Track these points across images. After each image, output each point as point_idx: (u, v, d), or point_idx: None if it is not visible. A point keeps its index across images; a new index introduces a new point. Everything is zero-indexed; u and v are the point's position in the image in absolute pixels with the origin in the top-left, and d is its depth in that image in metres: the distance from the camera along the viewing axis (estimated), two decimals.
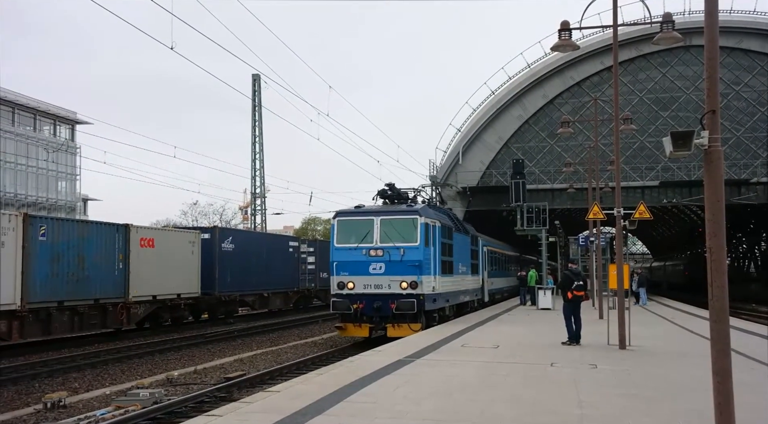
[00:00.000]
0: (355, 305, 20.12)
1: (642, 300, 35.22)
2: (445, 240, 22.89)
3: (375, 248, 20.30)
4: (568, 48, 15.79)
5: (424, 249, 20.37)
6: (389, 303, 19.96)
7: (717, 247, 6.84)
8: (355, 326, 20.53)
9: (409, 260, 20.03)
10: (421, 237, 20.28)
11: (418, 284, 19.99)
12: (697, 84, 47.17)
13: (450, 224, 24.72)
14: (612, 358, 14.21)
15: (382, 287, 20.17)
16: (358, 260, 20.33)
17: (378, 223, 20.53)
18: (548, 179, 47.97)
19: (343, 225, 21.09)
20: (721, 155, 6.85)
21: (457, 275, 25.33)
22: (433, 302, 21.06)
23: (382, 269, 20.16)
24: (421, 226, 20.38)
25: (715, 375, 6.77)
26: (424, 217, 20.63)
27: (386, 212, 21.02)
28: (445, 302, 23.08)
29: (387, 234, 20.30)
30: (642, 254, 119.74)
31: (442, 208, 27.07)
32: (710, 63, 6.93)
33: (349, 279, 20.42)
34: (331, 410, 8.73)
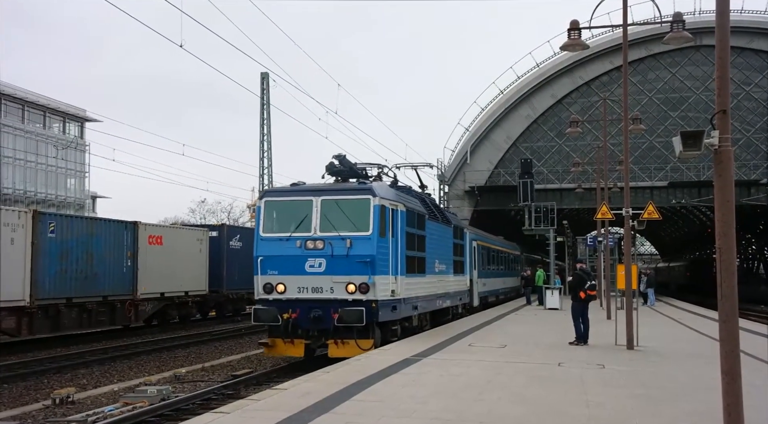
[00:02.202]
0: (286, 315, 15.19)
1: (650, 301, 35.11)
2: (412, 230, 17.71)
3: (313, 238, 15.29)
4: (578, 47, 15.75)
5: (379, 240, 15.39)
6: (331, 312, 15.06)
7: (726, 247, 6.81)
8: (286, 343, 15.50)
9: (357, 255, 15.05)
10: (375, 224, 15.27)
11: (369, 287, 15.00)
12: (707, 84, 46.99)
13: (422, 209, 19.10)
14: (620, 358, 14.17)
15: (323, 291, 15.25)
16: (291, 254, 15.37)
17: (318, 204, 15.53)
18: (557, 179, 47.88)
19: (271, 207, 16.19)
20: (731, 155, 6.82)
21: (432, 275, 19.89)
22: (391, 311, 16.08)
23: (322, 267, 15.19)
24: (375, 209, 15.35)
25: (724, 376, 6.74)
26: (380, 197, 15.58)
27: (329, 191, 15.93)
28: (412, 309, 17.88)
29: (330, 220, 15.39)
30: (651, 255, 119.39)
31: (413, 189, 20.64)
32: (721, 63, 6.89)
33: (278, 280, 15.49)
34: (338, 409, 8.73)
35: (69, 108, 73.74)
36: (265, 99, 53.18)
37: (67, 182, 74.37)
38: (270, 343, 15.75)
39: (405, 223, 16.96)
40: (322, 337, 15.37)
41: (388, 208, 15.95)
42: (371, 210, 15.42)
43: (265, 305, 15.56)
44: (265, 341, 15.96)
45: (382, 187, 16.56)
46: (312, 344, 15.63)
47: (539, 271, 37.00)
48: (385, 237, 15.70)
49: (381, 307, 15.34)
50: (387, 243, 15.84)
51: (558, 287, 32.58)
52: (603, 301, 28.33)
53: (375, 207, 15.45)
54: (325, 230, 15.40)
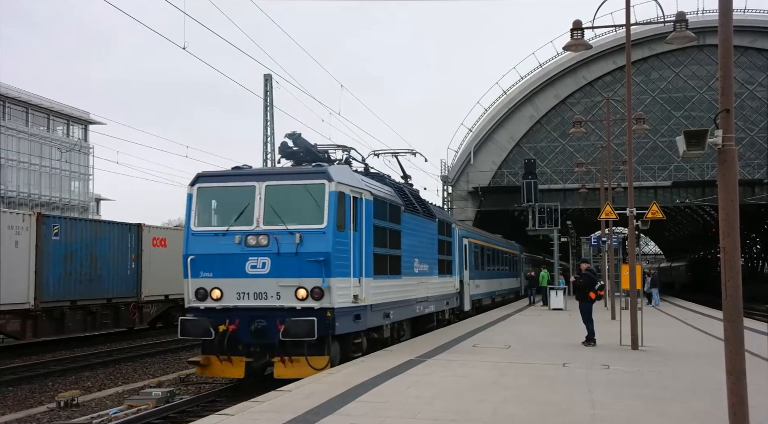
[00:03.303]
0: (223, 327, 12.41)
1: (654, 301, 35.06)
2: (383, 223, 15.08)
3: (256, 232, 12.65)
4: (581, 47, 15.74)
5: (336, 235, 12.67)
6: (278, 323, 12.22)
7: (731, 246, 6.80)
8: (223, 362, 12.68)
9: (309, 253, 12.36)
10: (330, 215, 12.56)
11: (324, 292, 12.32)
12: (710, 83, 46.94)
13: (396, 200, 16.39)
14: (624, 358, 14.15)
15: (267, 297, 12.48)
16: (229, 252, 12.69)
17: (262, 191, 12.87)
18: (560, 179, 47.84)
19: (205, 195, 13.44)
20: (735, 155, 6.82)
21: (410, 277, 17.20)
22: (353, 320, 13.36)
23: (266, 268, 12.50)
24: (331, 196, 12.63)
25: (729, 375, 6.73)
26: (338, 182, 12.85)
27: (276, 175, 13.38)
28: (383, 317, 15.19)
29: (276, 210, 12.70)
30: (655, 255, 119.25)
31: (389, 177, 17.83)
32: (724, 62, 6.89)
33: (213, 284, 12.76)
34: (343, 410, 8.73)
35: (73, 111, 73.87)
36: (268, 101, 53.22)
37: (71, 185, 74.50)
38: (202, 361, 12.92)
39: (372, 214, 14.22)
40: (267, 354, 12.50)
41: (348, 195, 13.17)
42: (326, 197, 12.61)
43: (196, 315, 12.80)
44: (197, 358, 13.26)
45: (342, 171, 13.74)
46: (254, 363, 12.68)
47: (543, 271, 36.98)
48: (344, 231, 12.95)
49: (338, 316, 12.57)
50: (347, 238, 13.08)
51: (562, 288, 32.55)
52: (607, 301, 28.29)
53: (331, 194, 12.63)
54: (271, 223, 12.64)
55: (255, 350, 12.68)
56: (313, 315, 12.12)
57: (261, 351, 12.63)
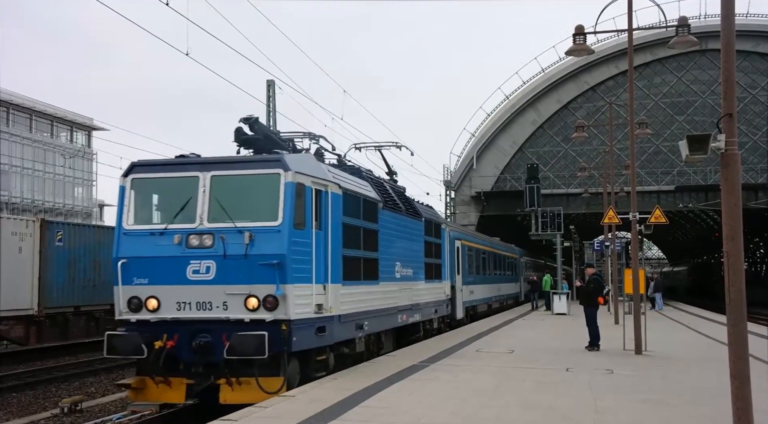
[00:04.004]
0: (159, 343, 10.60)
1: (658, 305, 35.00)
2: (355, 221, 13.28)
3: (199, 231, 10.91)
4: (583, 52, 15.76)
5: (294, 234, 10.90)
6: (224, 338, 10.44)
7: (734, 251, 6.81)
8: (160, 384, 10.83)
9: (261, 255, 10.61)
10: (287, 210, 10.84)
11: (278, 301, 10.56)
12: (713, 88, 46.93)
13: (372, 195, 14.58)
14: (628, 363, 14.13)
15: (212, 307, 10.71)
16: (167, 255, 10.94)
17: (207, 183, 11.12)
18: (563, 184, 47.83)
19: (141, 188, 11.65)
20: (738, 159, 6.83)
21: (390, 282, 15.45)
22: (316, 334, 11.48)
23: (210, 273, 10.75)
24: (287, 188, 10.91)
25: (734, 380, 6.73)
26: (296, 171, 11.09)
27: (224, 164, 11.45)
28: (356, 329, 13.36)
29: (223, 205, 10.99)
30: (658, 259, 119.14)
31: (367, 171, 16.00)
32: (727, 66, 6.90)
33: (149, 292, 10.97)
34: (346, 415, 8.73)
35: (76, 117, 74.03)
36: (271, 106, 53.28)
37: (74, 191, 74.61)
38: (135, 384, 10.97)
39: (342, 211, 12.50)
40: (211, 374, 10.64)
41: (309, 188, 11.40)
42: (281, 190, 10.86)
43: (128, 330, 11.01)
44: (128, 381, 11.34)
45: (302, 160, 11.95)
46: (197, 385, 10.76)
47: (546, 276, 36.97)
48: (305, 229, 11.18)
49: (296, 329, 10.70)
50: (308, 238, 11.28)
51: (566, 292, 32.51)
52: (611, 306, 28.25)
53: (287, 186, 10.88)
54: (217, 220, 10.91)
55: (197, 370, 10.74)
56: (265, 329, 10.28)
57: (204, 372, 10.71)
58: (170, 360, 10.68)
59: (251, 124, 12.41)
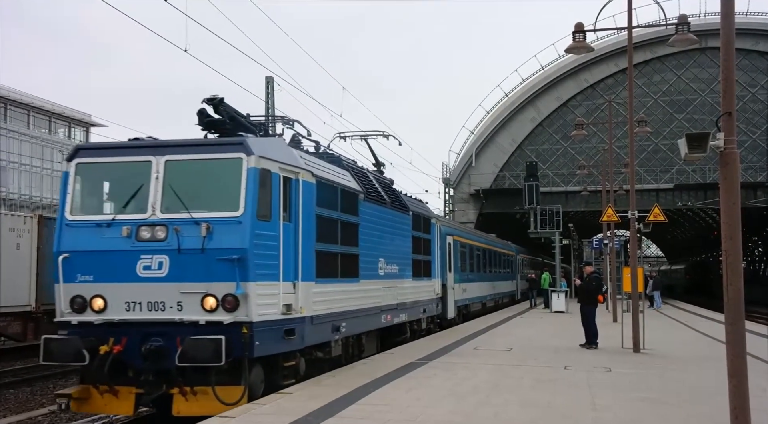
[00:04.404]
0: (105, 348, 9.46)
1: (656, 303, 35.02)
2: (331, 213, 12.19)
3: (151, 222, 9.77)
4: (582, 50, 15.75)
5: (257, 225, 9.78)
6: (178, 343, 9.36)
7: (733, 249, 6.80)
8: (105, 394, 9.69)
9: (220, 249, 9.51)
10: (249, 199, 9.73)
11: (239, 301, 9.49)
12: (712, 86, 46.94)
13: (352, 185, 13.54)
14: (626, 361, 14.13)
15: (165, 308, 9.62)
16: (115, 248, 9.77)
17: (160, 168, 9.99)
18: (562, 182, 47.86)
19: (86, 174, 10.53)
20: (737, 157, 6.82)
21: (372, 280, 14.43)
22: (284, 337, 10.38)
23: (163, 269, 9.63)
24: (250, 175, 9.81)
25: (731, 378, 6.72)
26: (260, 155, 9.98)
27: (179, 147, 10.28)
28: (332, 331, 12.25)
29: (178, 193, 9.85)
30: (657, 257, 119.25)
31: (347, 159, 14.82)
32: (726, 65, 6.89)
33: (94, 290, 9.81)
34: (344, 413, 8.73)
35: (74, 113, 73.98)
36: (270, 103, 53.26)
37: None
38: (76, 394, 9.84)
39: (315, 201, 11.44)
40: (163, 383, 9.51)
41: (276, 175, 10.29)
42: (243, 176, 9.74)
43: (69, 332, 9.80)
44: (69, 390, 10.12)
45: (269, 144, 10.84)
46: (147, 395, 9.71)
47: (545, 274, 36.96)
48: (270, 221, 10.07)
49: (259, 332, 9.62)
50: (275, 230, 10.19)
51: (564, 290, 32.52)
52: (609, 304, 28.27)
53: (250, 172, 9.76)
54: (171, 210, 9.79)
55: (147, 379, 9.58)
56: (223, 332, 9.19)
57: (155, 380, 9.54)
58: (118, 367, 9.53)
59: (216, 105, 11.14)
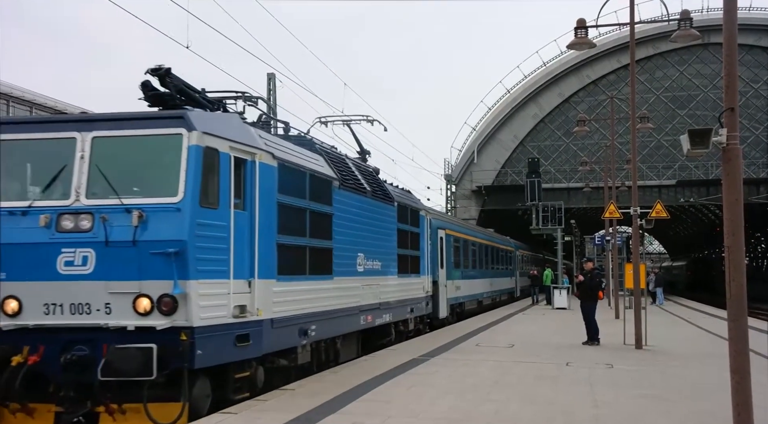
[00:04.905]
0: (18, 358, 8.06)
1: (658, 300, 35.01)
2: (297, 201, 10.78)
3: (74, 210, 8.32)
4: (585, 46, 15.73)
5: (199, 213, 8.36)
6: (105, 353, 7.99)
7: (735, 246, 6.78)
8: (18, 413, 8.26)
9: (154, 241, 8.13)
10: (190, 182, 8.30)
11: (178, 302, 8.09)
12: (714, 82, 46.88)
13: (324, 171, 12.06)
14: (628, 358, 14.12)
15: (90, 311, 8.16)
16: (31, 241, 8.31)
17: (86, 146, 8.52)
18: (564, 178, 47.82)
19: (6, 153, 8.84)
20: (739, 153, 6.80)
21: (349, 277, 13.01)
22: (236, 344, 8.94)
23: (89, 264, 8.16)
24: (192, 154, 8.38)
25: (734, 374, 6.71)
26: (204, 132, 8.54)
27: (109, 122, 8.82)
28: (299, 336, 10.82)
29: (107, 175, 8.40)
30: (659, 254, 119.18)
31: (317, 142, 13.11)
32: (729, 60, 6.87)
33: (7, 290, 8.31)
34: (346, 409, 8.73)
35: (76, 110, 74.09)
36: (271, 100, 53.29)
37: None
38: None
39: (277, 187, 10.04)
40: (87, 399, 8.03)
41: (226, 155, 8.87)
42: (183, 155, 8.30)
43: None
44: None
45: (217, 119, 9.36)
46: (68, 414, 8.12)
47: (547, 270, 36.98)
48: (217, 208, 8.66)
49: (203, 339, 8.18)
50: (223, 219, 8.77)
51: (566, 287, 32.51)
52: (611, 300, 28.26)
53: (192, 150, 8.32)
54: (98, 195, 8.35)
55: (67, 394, 8.04)
56: (156, 339, 7.83)
57: (77, 396, 8.02)
58: (34, 381, 8.06)
59: (162, 77, 9.43)
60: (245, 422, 8.11)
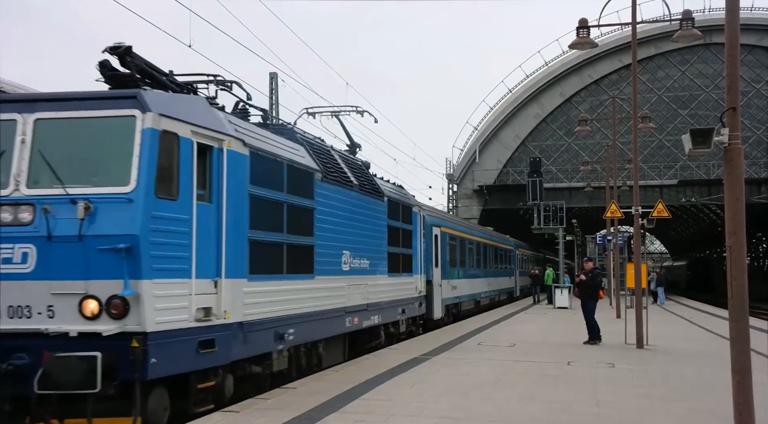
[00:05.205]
0: None
1: (660, 299, 35.02)
2: (270, 193, 9.87)
3: (12, 201, 7.47)
4: (586, 46, 15.75)
5: (154, 204, 7.53)
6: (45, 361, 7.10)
7: (737, 245, 6.79)
8: None
9: (102, 235, 7.26)
10: (144, 169, 7.48)
11: (130, 304, 7.23)
12: (716, 82, 46.86)
13: (305, 162, 11.20)
14: (629, 357, 14.13)
15: (30, 314, 7.31)
16: None
17: (28, 129, 7.70)
18: (565, 178, 47.83)
19: None
20: (741, 153, 6.81)
21: (333, 277, 12.20)
22: (198, 351, 8.10)
23: (29, 262, 7.33)
24: (146, 138, 7.56)
25: (735, 374, 6.72)
26: (161, 113, 7.72)
27: (55, 102, 7.94)
28: (275, 340, 9.98)
29: (51, 162, 7.55)
30: (660, 254, 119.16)
31: (300, 131, 12.34)
32: (731, 60, 6.88)
33: None
34: (347, 408, 8.74)
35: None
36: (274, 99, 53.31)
37: None
38: None
39: (248, 178, 9.21)
40: (26, 414, 7.23)
41: (188, 141, 8.02)
42: (136, 139, 7.47)
43: None
44: None
45: (177, 100, 8.46)
46: None
47: (549, 270, 36.97)
48: (177, 199, 7.82)
49: (158, 346, 7.35)
50: (184, 212, 7.92)
51: (568, 286, 32.52)
52: (612, 300, 28.27)
53: (146, 134, 7.49)
54: (41, 184, 7.52)
55: (3, 409, 7.24)
56: (102, 347, 6.99)
57: (14, 410, 7.25)
58: None
59: (122, 56, 8.59)
60: (246, 420, 8.13)
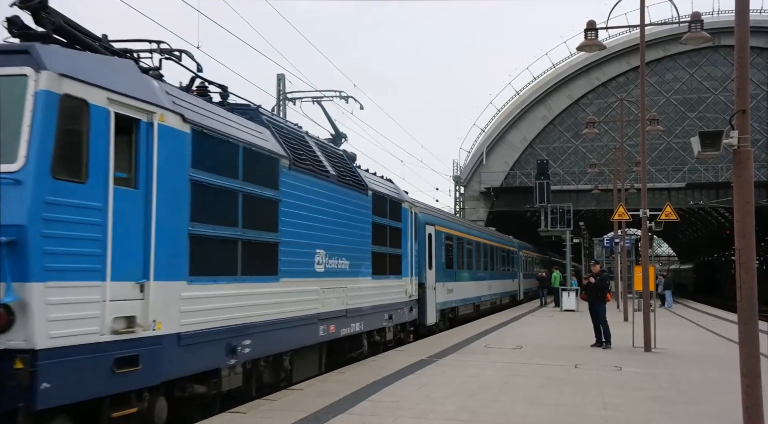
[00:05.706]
0: None
1: (668, 302, 34.89)
2: (220, 179, 8.39)
3: None
4: (594, 48, 15.70)
5: (48, 187, 5.89)
6: None
7: (746, 248, 6.77)
8: None
9: None
10: (37, 143, 5.83)
11: (14, 314, 5.62)
12: (725, 85, 46.71)
13: (268, 146, 9.73)
14: (637, 360, 14.08)
15: None
16: None
17: None
18: (573, 180, 47.74)
19: None
20: (750, 156, 6.79)
21: (304, 279, 10.79)
22: (113, 372, 6.50)
23: None
24: (40, 103, 5.91)
25: (744, 378, 6.70)
26: (62, 73, 6.11)
27: None
28: (226, 354, 8.55)
29: None
30: (668, 256, 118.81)
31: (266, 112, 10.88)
32: (740, 62, 6.86)
33: None
34: (354, 409, 8.74)
35: None
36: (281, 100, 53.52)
37: None
38: None
39: (189, 159, 7.78)
40: None
41: (102, 110, 6.56)
42: (27, 105, 5.98)
43: None
44: None
45: (88, 59, 6.90)
46: None
47: (555, 272, 36.90)
48: (85, 181, 6.36)
49: (52, 366, 5.89)
50: (97, 198, 6.47)
51: (575, 289, 32.45)
52: (620, 303, 28.18)
53: (41, 97, 6.00)
54: None
55: None
56: None
57: None
58: None
59: (35, 11, 7.01)
60: (253, 421, 8.13)
